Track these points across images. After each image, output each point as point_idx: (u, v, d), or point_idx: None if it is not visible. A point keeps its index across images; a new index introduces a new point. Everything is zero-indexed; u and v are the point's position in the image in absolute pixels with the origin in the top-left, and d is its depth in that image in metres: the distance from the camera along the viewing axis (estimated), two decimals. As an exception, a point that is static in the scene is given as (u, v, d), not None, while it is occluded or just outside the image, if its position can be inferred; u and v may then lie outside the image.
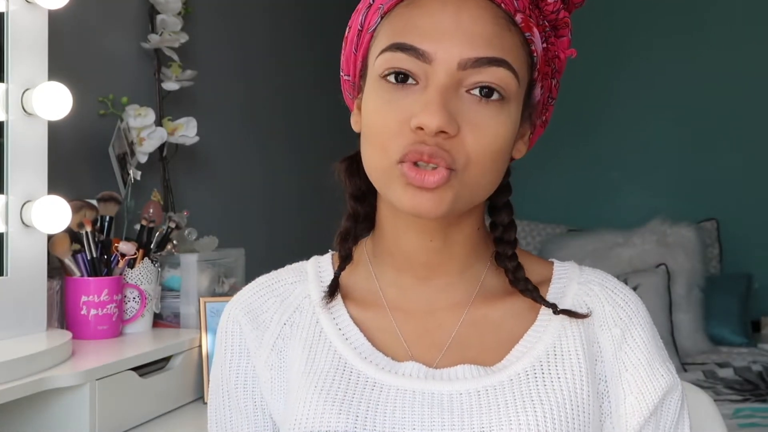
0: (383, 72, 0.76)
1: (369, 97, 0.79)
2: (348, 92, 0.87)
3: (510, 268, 0.84)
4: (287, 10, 2.80)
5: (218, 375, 0.89)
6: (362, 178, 0.85)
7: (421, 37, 0.75)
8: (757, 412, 2.46)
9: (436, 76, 0.74)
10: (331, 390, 0.80)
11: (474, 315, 0.83)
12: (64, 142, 1.61)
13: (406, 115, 0.74)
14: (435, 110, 0.72)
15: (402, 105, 0.75)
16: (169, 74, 1.97)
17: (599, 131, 3.87)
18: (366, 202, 0.87)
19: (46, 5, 1.40)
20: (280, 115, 2.77)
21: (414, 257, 0.83)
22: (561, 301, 0.84)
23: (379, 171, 0.77)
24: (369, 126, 0.78)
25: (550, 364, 0.79)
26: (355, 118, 0.85)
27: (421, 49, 0.75)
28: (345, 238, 0.86)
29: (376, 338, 0.84)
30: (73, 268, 1.51)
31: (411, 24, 0.76)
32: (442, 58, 0.74)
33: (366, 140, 0.79)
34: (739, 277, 3.41)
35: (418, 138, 0.74)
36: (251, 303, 0.89)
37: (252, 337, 0.87)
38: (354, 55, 0.83)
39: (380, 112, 0.76)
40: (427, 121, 0.72)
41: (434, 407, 0.78)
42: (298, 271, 0.91)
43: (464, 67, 0.74)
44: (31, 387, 1.17)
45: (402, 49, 0.75)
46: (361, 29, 0.82)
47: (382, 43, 0.78)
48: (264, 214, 2.67)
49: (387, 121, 0.75)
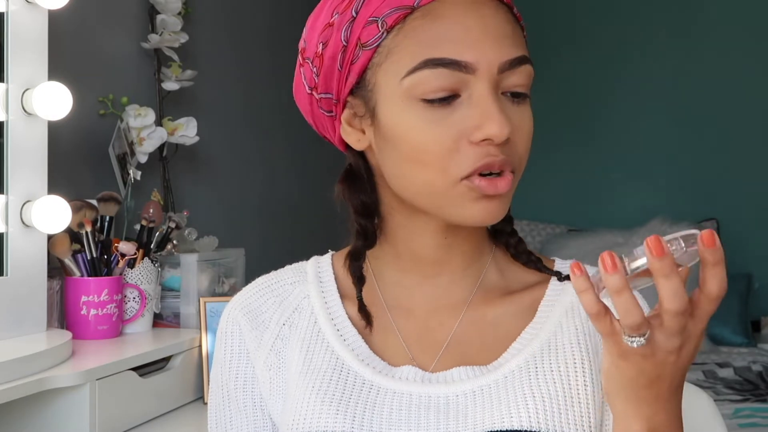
0: (426, 94, 0.74)
1: (400, 116, 0.75)
2: (323, 110, 0.82)
3: (512, 243, 0.86)
4: (287, 10, 2.80)
5: (218, 375, 0.89)
6: (366, 193, 0.83)
7: (458, 47, 0.73)
8: (757, 412, 2.46)
9: (482, 85, 0.74)
10: (329, 390, 0.80)
11: (473, 314, 0.84)
12: (64, 142, 1.61)
13: (461, 130, 0.74)
14: (500, 120, 0.73)
15: (451, 121, 0.74)
16: (169, 74, 1.97)
17: (599, 131, 3.86)
18: (373, 217, 0.85)
19: (46, 5, 1.40)
20: (280, 115, 2.77)
21: (424, 257, 0.83)
22: (561, 297, 0.84)
23: (437, 190, 0.76)
24: (413, 147, 0.75)
25: (544, 359, 0.80)
26: (355, 135, 0.81)
27: (463, 62, 0.73)
28: (356, 257, 0.84)
29: (374, 339, 0.84)
30: (73, 268, 1.51)
31: (440, 36, 0.74)
32: (485, 66, 0.74)
33: (408, 161, 0.76)
34: (739, 277, 3.41)
35: (483, 150, 0.74)
36: (250, 303, 0.89)
37: (251, 338, 0.87)
38: (339, 72, 0.78)
39: (427, 132, 0.74)
40: (496, 131, 0.72)
41: (430, 410, 0.78)
42: (297, 271, 0.91)
43: (502, 71, 0.75)
44: (31, 387, 1.17)
45: (442, 65, 0.73)
46: (346, 44, 0.77)
47: (407, 61, 0.74)
48: (264, 214, 2.67)
49: (439, 140, 0.74)
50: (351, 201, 0.84)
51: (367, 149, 0.82)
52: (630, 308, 0.63)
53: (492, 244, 0.87)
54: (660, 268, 0.62)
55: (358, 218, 0.83)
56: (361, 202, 0.83)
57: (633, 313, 0.63)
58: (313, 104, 0.83)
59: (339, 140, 0.84)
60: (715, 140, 3.67)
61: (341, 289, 0.88)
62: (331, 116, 0.83)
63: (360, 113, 0.80)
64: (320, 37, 0.80)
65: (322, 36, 0.79)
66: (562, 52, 3.76)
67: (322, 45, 0.79)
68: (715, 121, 3.68)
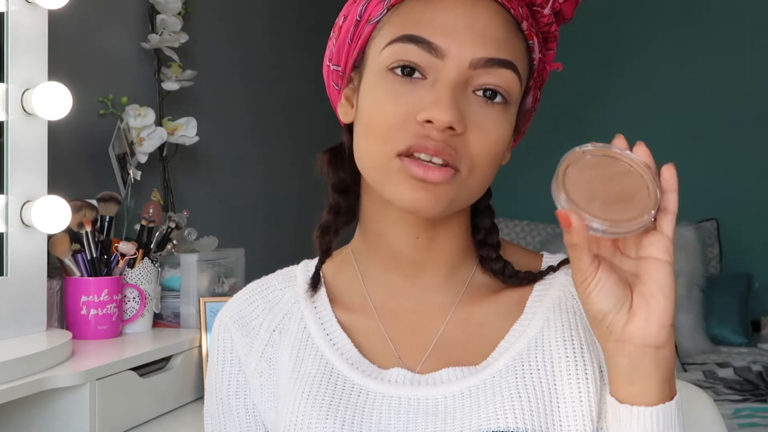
0: (391, 63, 0.75)
1: (370, 88, 0.78)
2: (334, 83, 0.85)
3: (497, 270, 0.84)
4: (287, 10, 2.80)
5: (212, 382, 0.90)
6: (346, 170, 0.84)
7: (435, 31, 0.74)
8: (757, 412, 2.46)
9: (447, 72, 0.74)
10: (318, 395, 0.80)
11: (460, 315, 0.83)
12: (64, 142, 1.61)
13: (412, 109, 0.74)
14: (446, 105, 0.72)
15: (408, 98, 0.74)
16: (169, 74, 1.97)
17: (599, 131, 3.85)
18: (349, 195, 0.86)
19: (46, 5, 1.40)
20: (279, 115, 2.77)
21: (401, 254, 0.83)
22: (548, 292, 0.84)
23: (376, 163, 0.76)
24: (368, 118, 0.77)
25: (531, 357, 0.79)
26: (345, 108, 0.83)
27: (434, 43, 0.74)
28: (326, 231, 0.86)
29: (363, 342, 0.84)
30: (73, 268, 1.51)
31: (425, 18, 0.75)
32: (455, 55, 0.74)
33: (363, 132, 0.78)
34: (739, 277, 3.41)
35: (424, 131, 0.73)
36: (241, 311, 0.89)
37: (241, 345, 0.87)
38: (348, 45, 0.81)
39: (383, 104, 0.75)
40: (438, 115, 0.72)
41: (419, 413, 0.78)
42: (287, 276, 0.91)
43: (475, 66, 0.74)
44: (31, 387, 1.17)
45: (414, 41, 0.74)
46: (360, 20, 0.80)
47: (389, 35, 0.77)
48: (264, 214, 2.67)
49: (390, 113, 0.74)
50: (330, 175, 0.85)
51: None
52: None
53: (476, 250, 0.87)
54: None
55: (334, 193, 0.85)
56: (338, 178, 0.85)
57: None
58: (328, 77, 0.86)
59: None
60: (715, 140, 3.67)
61: (330, 293, 0.88)
62: (338, 90, 0.85)
63: (355, 87, 0.82)
64: (344, 11, 0.83)
65: (345, 9, 0.83)
66: (562, 52, 3.75)
67: (343, 18, 0.83)
68: (715, 122, 3.68)
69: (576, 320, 0.82)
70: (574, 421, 0.76)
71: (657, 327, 0.68)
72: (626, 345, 0.69)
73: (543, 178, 0.96)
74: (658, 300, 0.67)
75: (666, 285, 0.67)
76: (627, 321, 0.68)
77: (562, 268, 0.86)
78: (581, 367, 0.78)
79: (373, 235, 0.84)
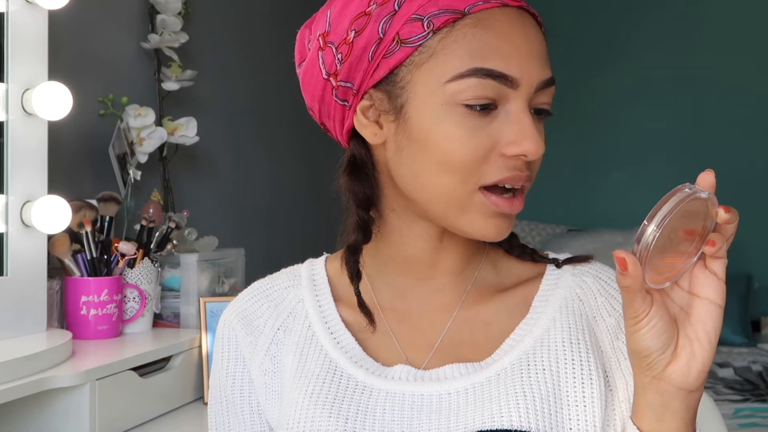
0: (468, 100, 0.74)
1: (438, 122, 0.75)
2: (339, 98, 0.80)
3: (528, 252, 0.87)
4: (287, 10, 2.80)
5: (216, 381, 0.90)
6: (365, 185, 0.82)
7: (508, 63, 0.74)
8: (757, 412, 2.46)
9: (521, 101, 0.75)
10: (321, 393, 0.80)
11: (466, 313, 0.83)
12: (64, 142, 1.61)
13: (495, 142, 0.74)
14: (535, 137, 0.74)
15: (487, 132, 0.74)
16: (169, 74, 1.97)
17: (599, 131, 3.86)
18: (371, 211, 0.84)
19: (46, 5, 1.40)
20: (280, 115, 2.77)
21: (417, 259, 0.83)
22: (554, 292, 0.84)
23: (452, 197, 0.76)
24: (443, 154, 0.75)
25: (536, 356, 0.79)
26: (373, 130, 0.79)
27: (510, 76, 0.74)
28: (354, 251, 0.83)
29: (368, 341, 0.84)
30: (73, 268, 1.51)
31: (490, 46, 0.74)
32: (527, 83, 0.75)
33: (434, 166, 0.75)
34: (739, 277, 3.41)
35: (512, 164, 0.75)
36: (246, 309, 0.89)
37: (246, 344, 0.88)
38: (368, 63, 0.77)
39: (463, 140, 0.74)
40: (531, 148, 0.74)
41: (423, 409, 0.78)
42: (292, 275, 0.91)
43: (538, 89, 0.76)
44: (31, 387, 1.17)
45: (492, 76, 0.73)
46: (382, 37, 0.75)
47: (452, 66, 0.74)
48: (264, 214, 2.67)
49: (472, 150, 0.74)
50: (354, 193, 0.82)
51: (379, 145, 0.80)
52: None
53: (484, 245, 0.87)
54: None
55: (359, 211, 0.82)
56: (364, 196, 0.82)
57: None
58: (327, 90, 0.81)
59: (345, 131, 0.82)
60: (715, 140, 3.67)
61: (335, 292, 0.88)
62: (344, 105, 0.80)
63: (381, 108, 0.78)
64: (353, 24, 0.77)
65: (355, 23, 0.77)
66: (563, 51, 3.75)
67: (354, 32, 0.77)
68: (716, 121, 3.68)
69: (582, 323, 0.82)
70: (577, 424, 0.76)
71: (696, 373, 0.67)
72: (662, 383, 0.68)
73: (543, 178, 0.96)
74: (703, 346, 0.67)
75: (713, 331, 0.67)
76: (669, 362, 0.67)
77: (566, 270, 0.86)
78: (586, 370, 0.78)
79: (393, 246, 0.84)
